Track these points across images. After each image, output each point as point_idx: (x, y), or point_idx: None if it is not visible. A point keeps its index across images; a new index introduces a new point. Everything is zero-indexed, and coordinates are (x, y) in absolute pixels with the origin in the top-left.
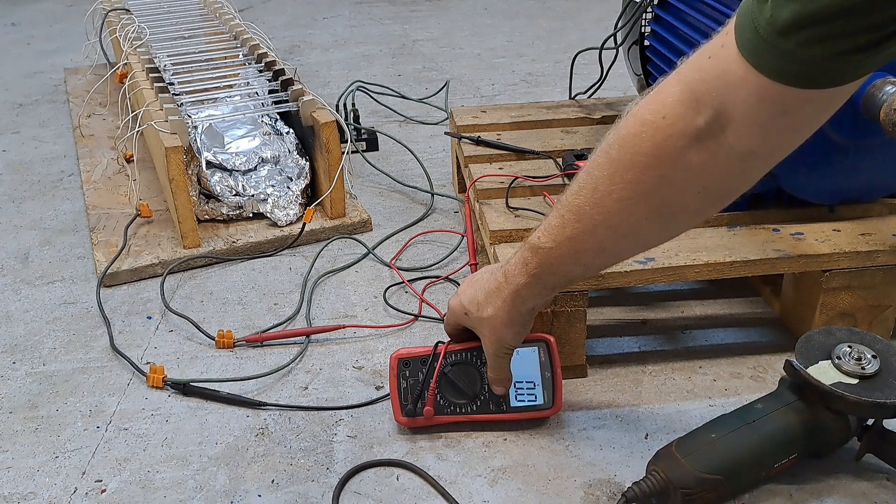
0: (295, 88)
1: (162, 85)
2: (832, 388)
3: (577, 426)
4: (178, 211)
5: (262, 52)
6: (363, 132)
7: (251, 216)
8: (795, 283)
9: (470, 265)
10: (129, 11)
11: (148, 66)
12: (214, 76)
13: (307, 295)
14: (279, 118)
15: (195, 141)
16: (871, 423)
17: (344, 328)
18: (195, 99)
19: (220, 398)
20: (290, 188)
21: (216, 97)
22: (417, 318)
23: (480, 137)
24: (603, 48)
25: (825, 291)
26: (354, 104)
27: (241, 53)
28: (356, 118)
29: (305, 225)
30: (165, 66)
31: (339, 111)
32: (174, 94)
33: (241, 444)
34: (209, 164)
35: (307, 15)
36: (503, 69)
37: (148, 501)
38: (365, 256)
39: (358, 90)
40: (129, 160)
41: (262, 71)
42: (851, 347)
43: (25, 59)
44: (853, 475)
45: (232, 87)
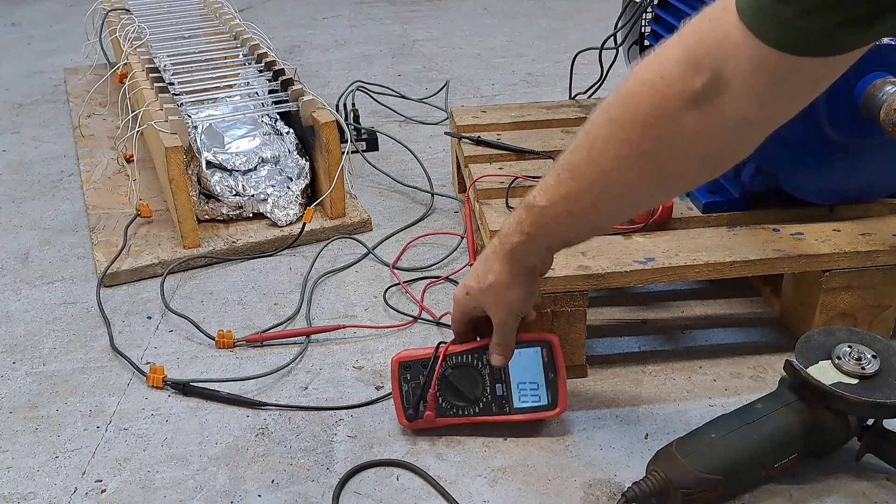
0: (295, 88)
1: (162, 85)
2: (832, 388)
3: (577, 426)
4: (178, 211)
5: (262, 52)
6: (363, 132)
7: (251, 216)
8: (795, 283)
9: (470, 265)
10: (129, 11)
11: (148, 66)
12: (214, 76)
13: (307, 295)
14: (279, 118)
15: (195, 141)
16: (871, 423)
17: (344, 328)
18: (195, 99)
19: (220, 398)
20: (290, 188)
21: (216, 97)
22: (417, 319)
23: (480, 137)
24: (603, 48)
25: (825, 291)
26: (354, 104)
27: (241, 53)
28: (356, 118)
29: (305, 225)
30: (165, 66)
31: (339, 111)
32: (174, 94)
33: (241, 444)
34: (209, 164)
35: (307, 15)
36: (503, 69)
37: (148, 501)
38: (365, 256)
39: (358, 90)
40: (129, 160)
41: (262, 71)
42: (851, 347)
43: (25, 59)
44: (853, 475)
45: (232, 87)
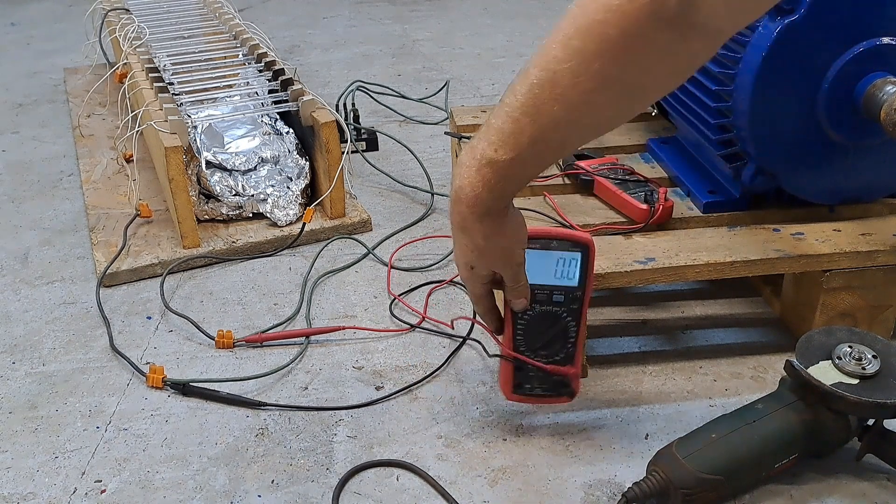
0: (295, 88)
1: (162, 85)
2: (832, 388)
3: (577, 426)
4: (177, 211)
5: (261, 52)
6: (363, 132)
7: (251, 216)
8: (796, 283)
9: None
10: (128, 11)
11: (147, 65)
12: (214, 76)
13: (307, 295)
14: (279, 118)
15: (195, 141)
16: (871, 423)
17: (343, 329)
18: (195, 99)
19: (219, 398)
20: (289, 188)
21: (216, 97)
22: (414, 328)
23: None
24: None
25: (825, 291)
26: (354, 104)
27: (240, 53)
28: (356, 118)
29: (305, 225)
30: (165, 65)
31: (339, 111)
32: (174, 93)
33: (240, 444)
34: (209, 163)
35: (307, 15)
36: (503, 69)
37: (148, 501)
38: (365, 256)
39: (358, 90)
40: (128, 160)
41: (261, 71)
42: (852, 347)
43: (25, 59)
44: (853, 475)
45: (232, 86)
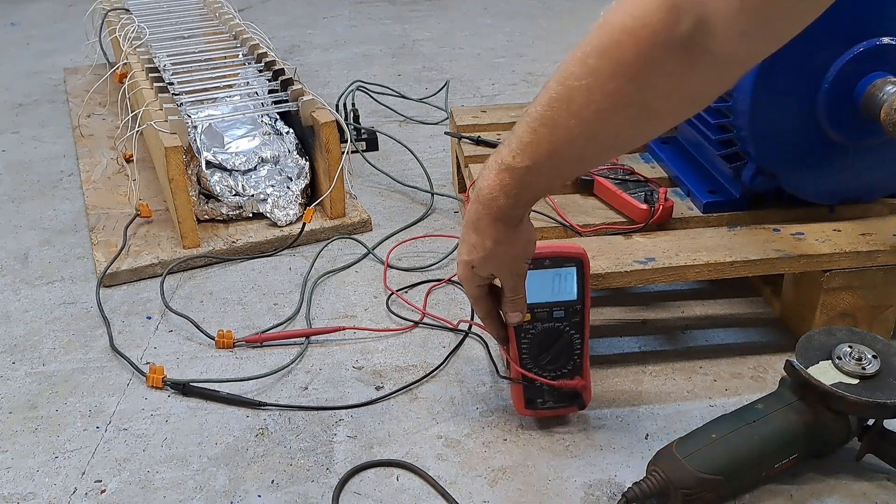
0: (295, 88)
1: (162, 85)
2: (833, 388)
3: (577, 426)
4: (177, 211)
5: (261, 51)
6: (363, 132)
7: (251, 216)
8: (796, 283)
9: None
10: (128, 11)
11: (147, 65)
12: (214, 76)
13: (307, 295)
14: (279, 118)
15: (195, 141)
16: (871, 423)
17: (343, 330)
18: (195, 99)
19: (219, 398)
20: (289, 188)
21: (216, 97)
22: (417, 324)
23: (480, 137)
24: None
25: (825, 291)
26: (354, 104)
27: (240, 53)
28: (356, 118)
29: (305, 225)
30: (165, 65)
31: (339, 111)
32: (174, 93)
33: (240, 444)
34: (209, 163)
35: (307, 15)
36: (503, 69)
37: (148, 501)
38: (365, 256)
39: (358, 90)
40: (128, 160)
41: (261, 71)
42: (852, 347)
43: (25, 59)
44: (854, 475)
45: (232, 86)
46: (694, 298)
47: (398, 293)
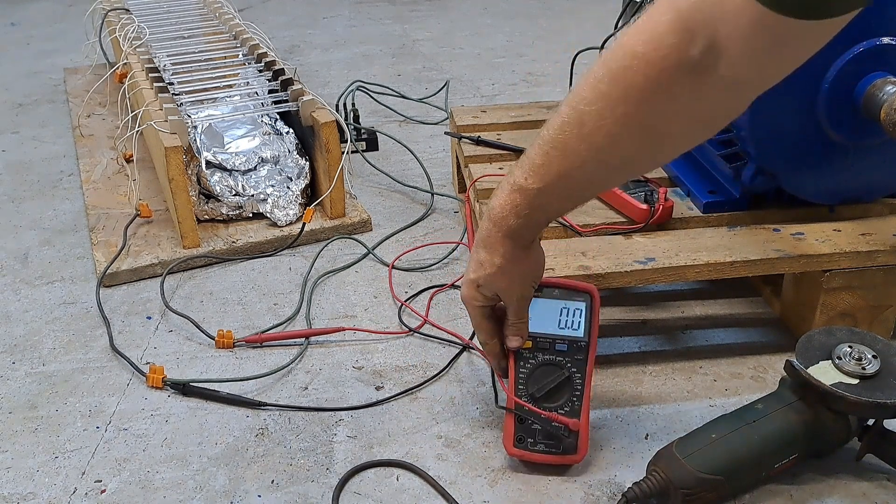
0: (295, 88)
1: (162, 85)
2: (833, 388)
3: None
4: (177, 211)
5: (261, 51)
6: (363, 132)
7: (251, 216)
8: (796, 283)
9: None
10: (128, 11)
11: (147, 65)
12: (214, 76)
13: (307, 295)
14: (279, 118)
15: (195, 141)
16: (871, 423)
17: (343, 330)
18: (195, 99)
19: (219, 398)
20: (289, 188)
21: (216, 97)
22: (413, 332)
23: (480, 137)
24: (603, 48)
25: (825, 291)
26: (354, 104)
27: (240, 53)
28: (356, 118)
29: (305, 225)
30: (165, 65)
31: (339, 111)
32: (174, 93)
33: (240, 444)
34: (209, 163)
35: (307, 15)
36: (503, 69)
37: (148, 501)
38: (365, 256)
39: (358, 90)
40: (128, 160)
41: (261, 71)
42: (852, 347)
43: (25, 59)
44: (853, 475)
45: (232, 86)
46: (694, 298)
47: (406, 303)
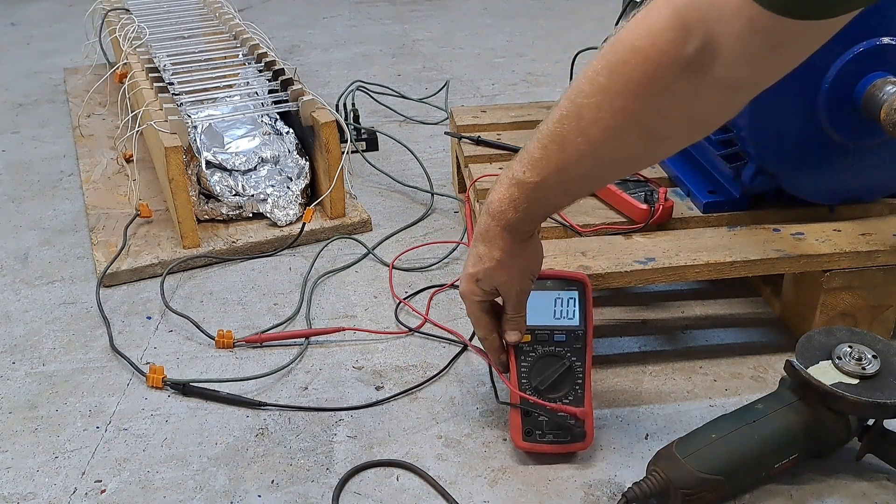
0: (295, 88)
1: (162, 85)
2: (833, 388)
3: None
4: (177, 211)
5: (261, 51)
6: (363, 132)
7: (251, 216)
8: (796, 283)
9: None
10: (128, 11)
11: (147, 65)
12: (214, 76)
13: (307, 295)
14: (279, 118)
15: (195, 141)
16: (871, 423)
17: (343, 331)
18: (195, 99)
19: (219, 398)
20: (289, 188)
21: (216, 97)
22: (413, 332)
23: (480, 137)
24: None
25: (825, 291)
26: (354, 104)
27: (240, 53)
28: (356, 118)
29: (305, 225)
30: (165, 65)
31: (339, 111)
32: (174, 93)
33: (240, 444)
34: (209, 163)
35: (307, 15)
36: (503, 69)
37: (148, 501)
38: (365, 256)
39: (358, 90)
40: (128, 160)
41: (261, 71)
42: (852, 347)
43: (25, 59)
44: (853, 475)
45: (232, 86)
46: (694, 298)
47: (405, 301)
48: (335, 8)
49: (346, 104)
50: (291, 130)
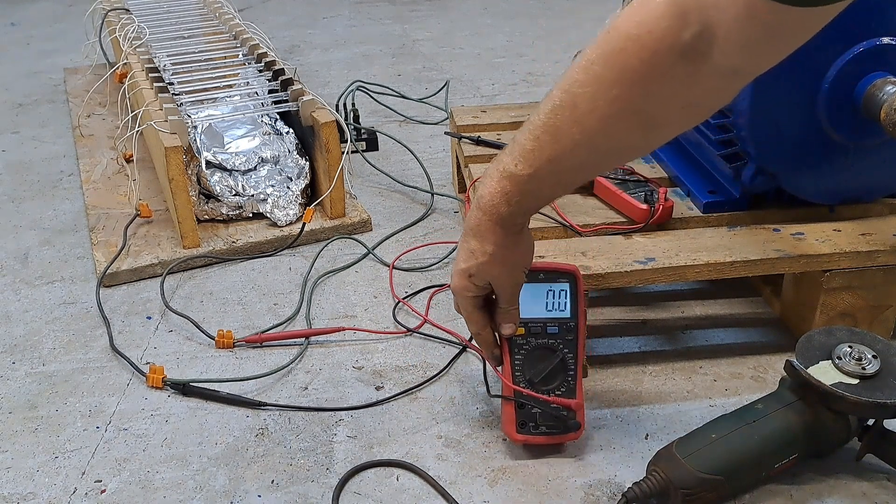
0: (295, 88)
1: (161, 85)
2: (833, 388)
3: None
4: (177, 211)
5: (261, 51)
6: (363, 132)
7: (251, 216)
8: (796, 283)
9: None
10: (128, 11)
11: (147, 65)
12: (214, 76)
13: (307, 295)
14: (279, 118)
15: (195, 141)
16: (871, 423)
17: (343, 331)
18: (195, 99)
19: (219, 398)
20: (289, 188)
21: (216, 97)
22: (411, 332)
23: (480, 137)
24: None
25: (825, 291)
26: (354, 104)
27: (240, 53)
28: (356, 118)
29: (305, 225)
30: (165, 65)
31: (339, 111)
32: (174, 93)
33: (240, 444)
34: (209, 163)
35: (307, 15)
36: (503, 69)
37: (148, 501)
38: (365, 256)
39: (358, 90)
40: (128, 160)
41: (261, 71)
42: (852, 347)
43: (25, 59)
44: (853, 475)
45: (232, 86)
46: (694, 298)
47: (405, 301)
48: (335, 8)
49: (346, 104)
50: (291, 130)
